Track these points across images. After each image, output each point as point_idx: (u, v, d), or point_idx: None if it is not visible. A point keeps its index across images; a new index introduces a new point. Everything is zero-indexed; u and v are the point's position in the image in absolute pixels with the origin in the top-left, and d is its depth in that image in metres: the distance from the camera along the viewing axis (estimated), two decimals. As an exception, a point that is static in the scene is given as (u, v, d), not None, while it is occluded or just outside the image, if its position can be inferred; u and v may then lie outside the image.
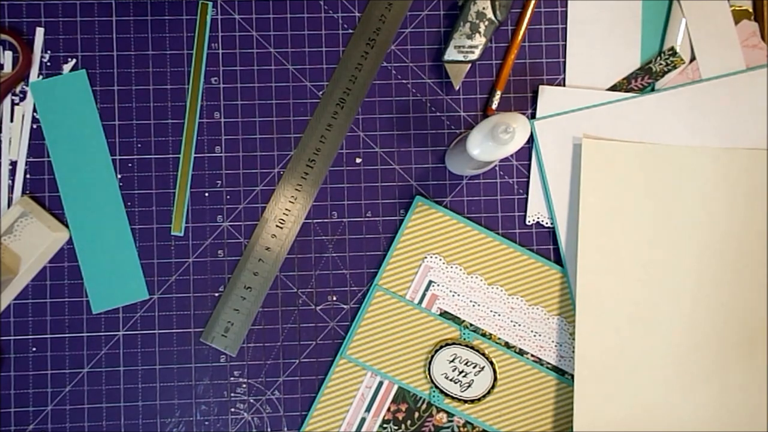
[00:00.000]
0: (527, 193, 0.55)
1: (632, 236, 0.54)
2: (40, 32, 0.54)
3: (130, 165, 0.54)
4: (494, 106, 0.54)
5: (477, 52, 0.53)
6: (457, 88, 0.54)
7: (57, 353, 0.53)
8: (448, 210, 0.54)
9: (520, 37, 0.55)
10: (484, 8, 0.51)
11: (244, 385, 0.54)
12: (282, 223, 0.53)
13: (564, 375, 0.54)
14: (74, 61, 0.54)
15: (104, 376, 0.53)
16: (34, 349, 0.53)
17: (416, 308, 0.54)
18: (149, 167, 0.54)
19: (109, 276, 0.53)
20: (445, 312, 0.54)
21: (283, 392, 0.54)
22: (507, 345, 0.54)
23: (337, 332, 0.54)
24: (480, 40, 0.52)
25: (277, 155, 0.54)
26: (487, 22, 0.51)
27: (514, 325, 0.54)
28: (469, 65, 0.54)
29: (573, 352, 0.54)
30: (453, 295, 0.54)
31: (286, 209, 0.54)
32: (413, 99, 0.55)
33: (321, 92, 0.54)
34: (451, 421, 0.54)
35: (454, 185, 0.55)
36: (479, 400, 0.54)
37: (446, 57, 0.53)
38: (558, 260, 0.55)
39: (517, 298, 0.54)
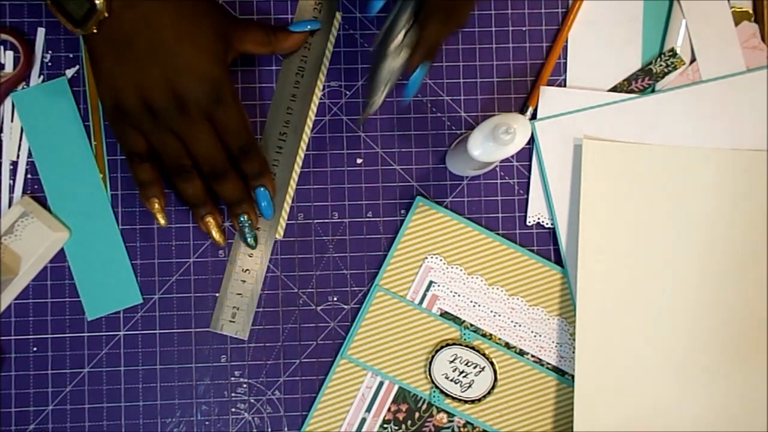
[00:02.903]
0: (528, 194, 0.55)
1: (633, 237, 0.54)
2: (41, 32, 0.54)
3: (131, 165, 0.54)
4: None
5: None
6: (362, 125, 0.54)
7: (58, 353, 0.53)
8: (449, 210, 0.54)
9: (561, 41, 0.55)
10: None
11: (245, 385, 0.54)
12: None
13: (564, 375, 0.54)
14: (77, 66, 0.54)
15: (105, 376, 0.53)
16: (34, 348, 0.53)
17: (417, 308, 0.54)
18: (150, 167, 0.54)
19: (102, 282, 0.53)
20: (446, 312, 0.54)
21: (283, 392, 0.54)
22: (507, 345, 0.54)
23: (338, 332, 0.54)
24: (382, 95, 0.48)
25: (278, 155, 0.54)
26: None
27: (515, 326, 0.54)
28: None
29: (573, 352, 0.54)
30: (453, 296, 0.54)
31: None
32: (414, 99, 0.55)
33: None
34: (452, 421, 0.54)
35: (455, 186, 0.55)
36: (479, 400, 0.54)
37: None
38: (558, 261, 0.55)
39: (518, 299, 0.54)
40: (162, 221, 0.50)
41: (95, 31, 0.44)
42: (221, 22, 0.47)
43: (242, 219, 0.51)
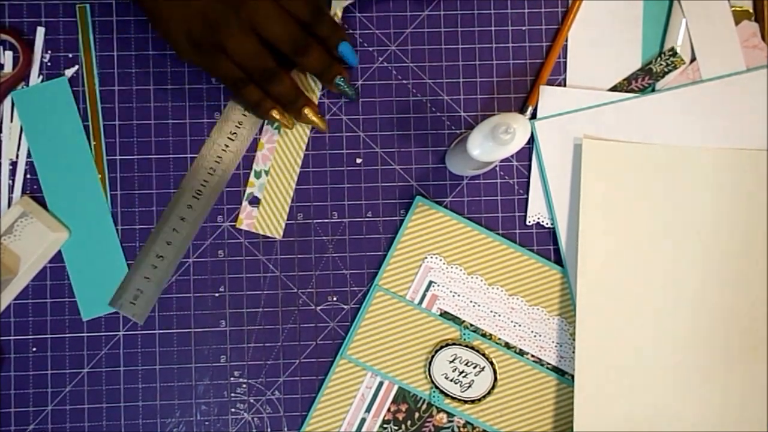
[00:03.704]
0: (527, 194, 0.55)
1: (632, 236, 0.54)
2: (40, 32, 0.54)
3: (130, 165, 0.54)
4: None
5: None
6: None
7: (57, 353, 0.53)
8: (449, 210, 0.54)
9: (561, 41, 0.55)
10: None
11: (245, 386, 0.54)
12: (198, 194, 0.53)
13: (564, 375, 0.54)
14: (77, 66, 0.54)
15: (104, 377, 0.53)
16: (34, 349, 0.53)
17: (416, 308, 0.54)
18: (150, 167, 0.54)
19: (98, 282, 0.53)
20: (446, 312, 0.54)
21: (283, 392, 0.54)
22: (507, 345, 0.54)
23: (338, 332, 0.54)
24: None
25: (278, 155, 0.54)
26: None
27: (515, 326, 0.54)
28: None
29: (573, 352, 0.54)
30: (453, 296, 0.54)
31: (204, 180, 0.54)
32: (413, 99, 0.55)
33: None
34: (452, 421, 0.54)
35: (455, 185, 0.55)
36: (479, 400, 0.54)
37: None
38: (558, 261, 0.55)
39: (518, 299, 0.54)
40: (289, 124, 0.53)
41: None
42: None
43: (339, 82, 0.52)
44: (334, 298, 0.54)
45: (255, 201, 0.54)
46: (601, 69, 0.55)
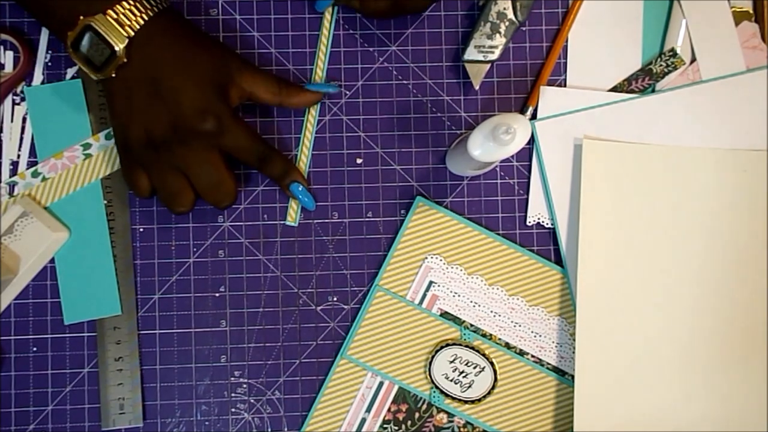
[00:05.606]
0: (528, 194, 0.55)
1: (633, 237, 0.54)
2: (44, 32, 0.54)
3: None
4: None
5: (497, 53, 0.53)
6: (477, 87, 0.54)
7: (57, 353, 0.53)
8: (449, 210, 0.54)
9: (561, 41, 0.55)
10: (504, 8, 0.52)
11: (245, 386, 0.54)
12: None
13: (564, 375, 0.54)
14: (77, 67, 0.54)
15: (105, 376, 0.53)
16: (34, 348, 0.53)
17: (417, 309, 0.54)
18: (150, 167, 0.54)
19: (85, 288, 0.53)
20: (446, 312, 0.54)
21: (283, 392, 0.54)
22: (507, 345, 0.54)
23: (338, 332, 0.54)
24: (500, 41, 0.52)
25: (278, 155, 0.54)
26: (507, 23, 0.52)
27: (515, 326, 0.54)
28: (489, 65, 0.54)
29: (573, 352, 0.54)
30: (453, 296, 0.54)
31: None
32: (414, 99, 0.55)
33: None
34: (452, 421, 0.54)
35: (455, 186, 0.55)
36: (480, 400, 0.54)
37: (466, 56, 0.53)
38: (558, 261, 0.55)
39: (518, 299, 0.54)
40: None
41: (114, 75, 0.46)
42: (224, 59, 0.48)
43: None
44: (335, 298, 0.54)
45: (12, 191, 0.53)
46: (601, 70, 0.55)
